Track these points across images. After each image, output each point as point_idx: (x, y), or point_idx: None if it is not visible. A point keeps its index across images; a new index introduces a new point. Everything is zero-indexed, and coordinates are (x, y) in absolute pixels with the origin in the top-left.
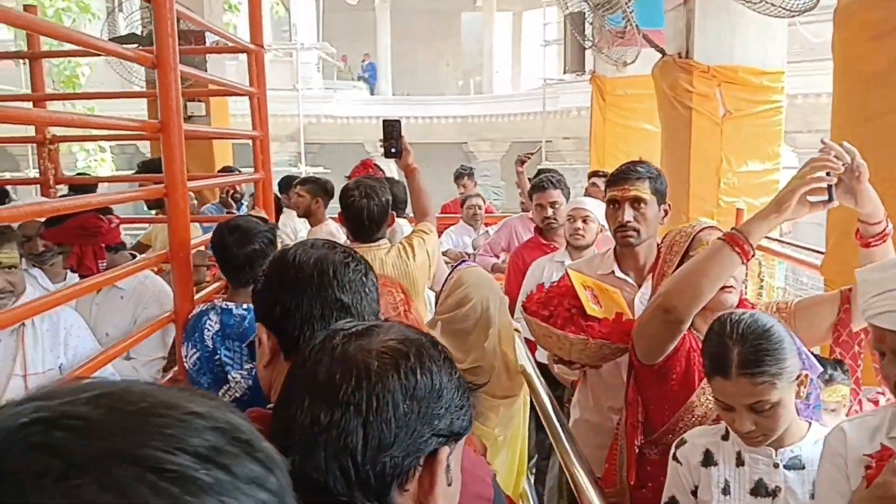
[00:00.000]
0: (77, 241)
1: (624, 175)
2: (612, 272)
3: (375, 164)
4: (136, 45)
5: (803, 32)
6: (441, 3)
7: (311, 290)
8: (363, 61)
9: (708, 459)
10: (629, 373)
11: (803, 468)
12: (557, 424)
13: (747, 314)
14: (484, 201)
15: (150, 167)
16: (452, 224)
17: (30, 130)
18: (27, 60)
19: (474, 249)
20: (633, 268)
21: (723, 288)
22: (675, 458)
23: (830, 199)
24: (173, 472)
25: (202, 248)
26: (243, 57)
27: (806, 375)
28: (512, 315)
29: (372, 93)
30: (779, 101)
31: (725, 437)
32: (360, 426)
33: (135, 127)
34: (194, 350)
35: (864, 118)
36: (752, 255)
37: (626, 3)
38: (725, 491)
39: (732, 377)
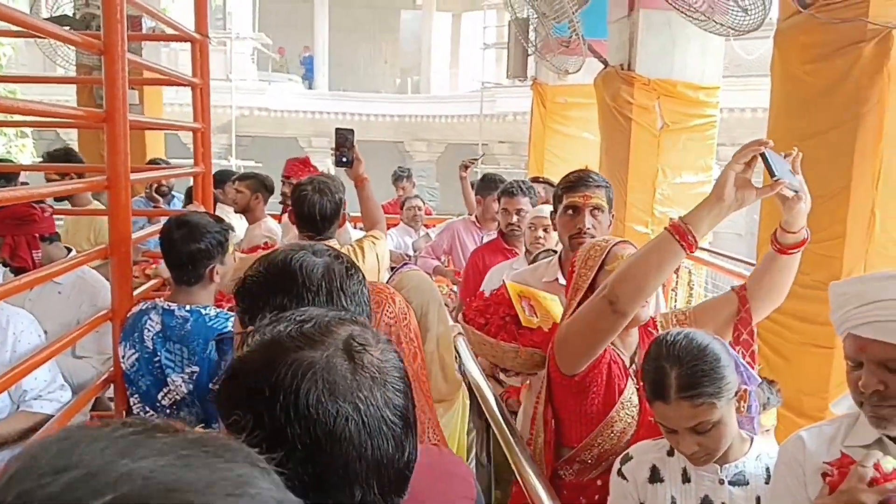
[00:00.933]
0: (9, 231)
1: (584, 182)
2: (556, 279)
3: (312, 165)
4: (67, 28)
5: (736, 49)
6: None
7: (319, 299)
8: (302, 54)
9: (654, 476)
10: (543, 387)
11: (747, 484)
12: (506, 428)
13: (682, 334)
14: (423, 202)
15: (56, 157)
16: (391, 225)
17: None
18: None
19: (415, 251)
20: None
21: None
22: (620, 473)
23: (773, 175)
24: None
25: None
26: (176, 45)
27: (745, 391)
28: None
29: (310, 87)
30: (713, 115)
31: (671, 454)
32: None
33: (77, 116)
34: (133, 351)
35: (800, 135)
36: (696, 247)
37: (574, 13)
38: None
39: (672, 401)
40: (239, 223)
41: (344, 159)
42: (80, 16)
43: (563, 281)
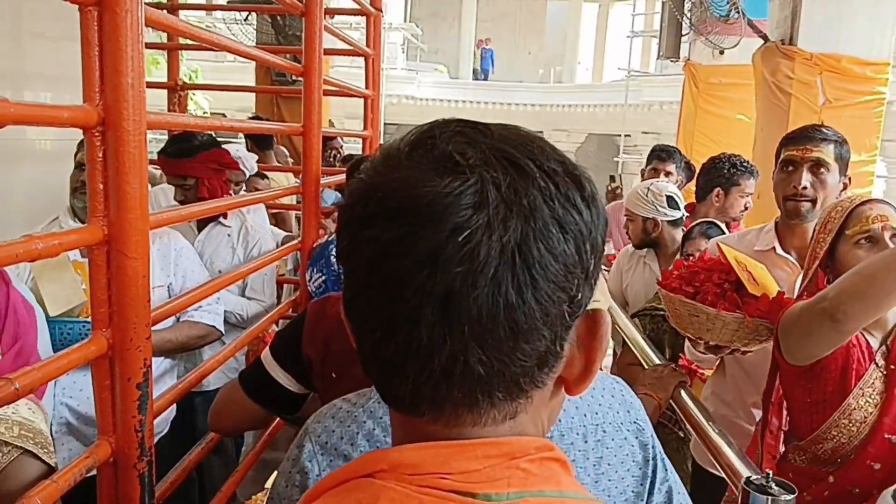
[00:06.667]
0: (206, 174)
1: (807, 134)
2: (773, 248)
3: None
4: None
5: None
6: None
7: None
8: (482, 46)
9: None
10: (772, 369)
11: None
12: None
13: None
14: None
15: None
16: None
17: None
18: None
19: None
20: (797, 245)
21: None
22: None
23: None
24: None
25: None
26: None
27: None
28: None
29: (485, 79)
30: (882, 92)
31: None
32: None
33: (277, 65)
34: (320, 274)
35: None
36: None
37: None
38: None
39: None
40: None
41: None
42: None
43: (780, 251)
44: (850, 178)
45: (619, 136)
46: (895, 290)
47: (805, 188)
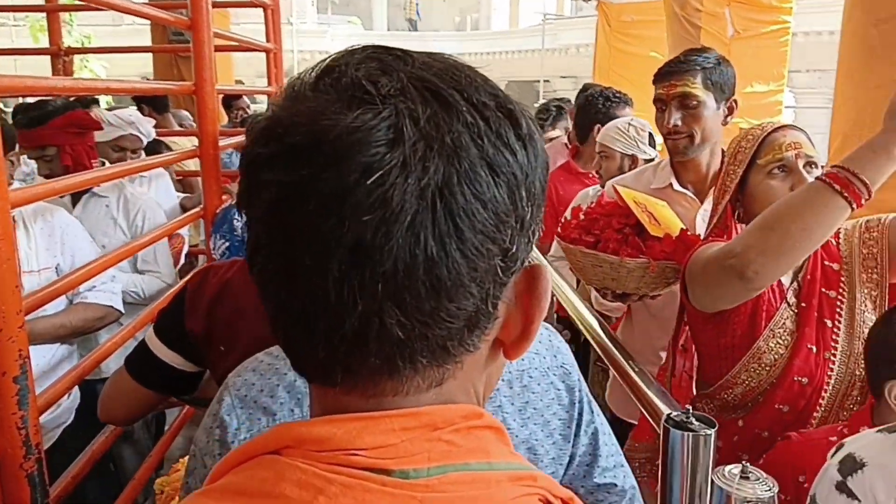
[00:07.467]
0: (68, 140)
1: (669, 69)
2: (670, 185)
3: None
4: None
5: None
6: None
7: None
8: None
9: None
10: (679, 312)
11: None
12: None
13: None
14: None
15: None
16: None
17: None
18: None
19: None
20: (693, 180)
21: None
22: (842, 488)
23: None
24: None
25: None
26: None
27: None
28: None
29: (415, 29)
30: (787, 21)
31: None
32: None
33: (164, 20)
34: (223, 241)
35: (872, 57)
36: (868, 198)
37: None
38: None
39: None
40: None
41: None
42: None
43: (677, 186)
44: (735, 101)
45: (538, 81)
46: (807, 241)
47: (676, 126)
